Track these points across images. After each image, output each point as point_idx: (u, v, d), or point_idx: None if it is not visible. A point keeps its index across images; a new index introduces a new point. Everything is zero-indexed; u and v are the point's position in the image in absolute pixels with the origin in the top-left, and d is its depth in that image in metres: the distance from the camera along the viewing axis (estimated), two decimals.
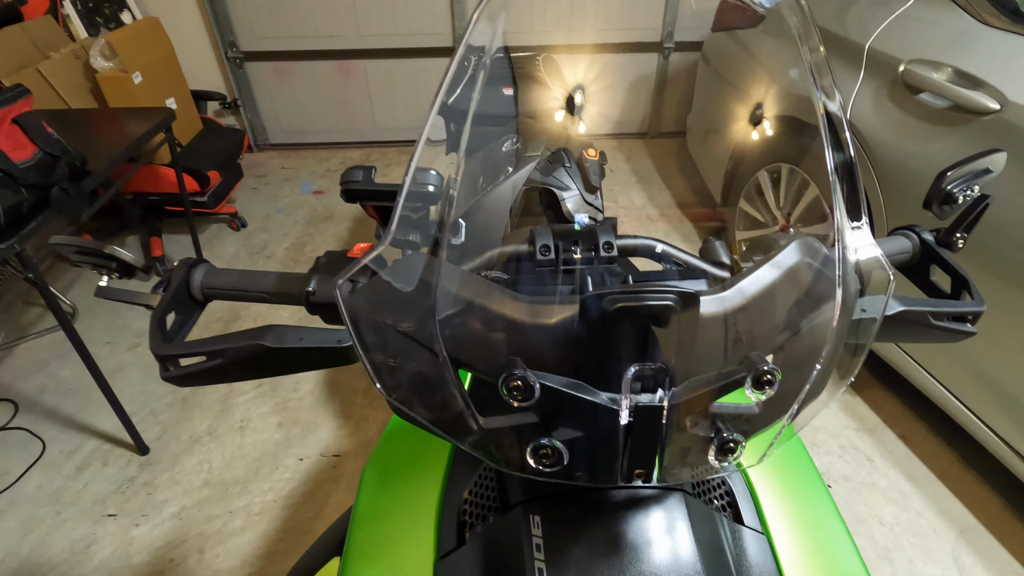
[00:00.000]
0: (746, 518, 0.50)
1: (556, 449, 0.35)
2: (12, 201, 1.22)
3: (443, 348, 0.36)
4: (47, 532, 1.46)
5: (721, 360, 0.37)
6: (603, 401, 0.34)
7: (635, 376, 0.35)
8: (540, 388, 0.34)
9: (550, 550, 0.43)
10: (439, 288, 0.37)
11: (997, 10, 1.36)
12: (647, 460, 0.35)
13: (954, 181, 0.60)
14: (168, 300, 0.52)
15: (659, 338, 0.36)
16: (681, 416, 0.35)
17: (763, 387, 0.35)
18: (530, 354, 0.37)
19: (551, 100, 1.38)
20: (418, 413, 0.40)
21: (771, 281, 0.39)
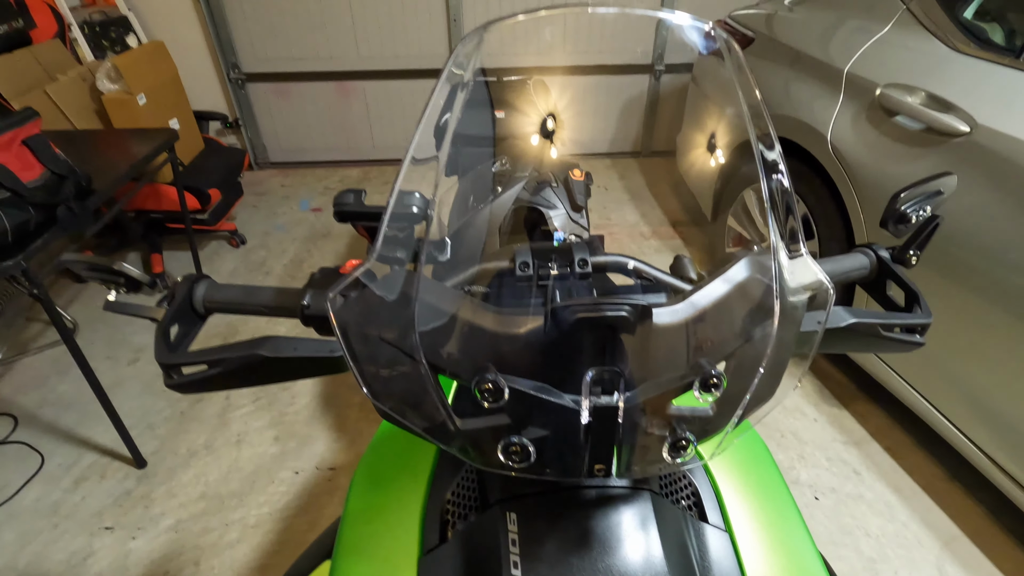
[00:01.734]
0: (710, 516, 0.53)
1: (524, 447, 0.39)
2: (20, 219, 1.26)
3: (422, 356, 0.40)
4: (44, 545, 1.47)
5: (675, 366, 0.41)
6: (565, 402, 0.38)
7: (595, 379, 0.39)
8: (509, 391, 0.38)
9: (525, 545, 0.46)
10: (419, 301, 0.41)
11: (967, 38, 1.42)
12: (606, 456, 0.39)
13: (907, 202, 0.64)
14: (172, 313, 0.56)
15: (620, 346, 0.40)
16: (636, 416, 0.39)
17: (710, 390, 0.39)
18: (502, 360, 0.41)
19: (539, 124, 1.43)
20: (402, 417, 0.44)
21: (720, 295, 0.43)
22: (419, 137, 0.50)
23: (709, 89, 2.36)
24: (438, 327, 0.42)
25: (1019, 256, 1.20)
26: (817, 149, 1.70)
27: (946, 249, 1.34)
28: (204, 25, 3.08)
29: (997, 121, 1.25)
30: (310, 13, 3.11)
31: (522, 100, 1.45)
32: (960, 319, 1.35)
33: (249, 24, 3.13)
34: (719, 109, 2.25)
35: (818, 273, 0.48)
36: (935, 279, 1.38)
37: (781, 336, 0.43)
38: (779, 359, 0.44)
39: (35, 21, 2.22)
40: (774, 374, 0.45)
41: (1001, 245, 1.23)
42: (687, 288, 0.58)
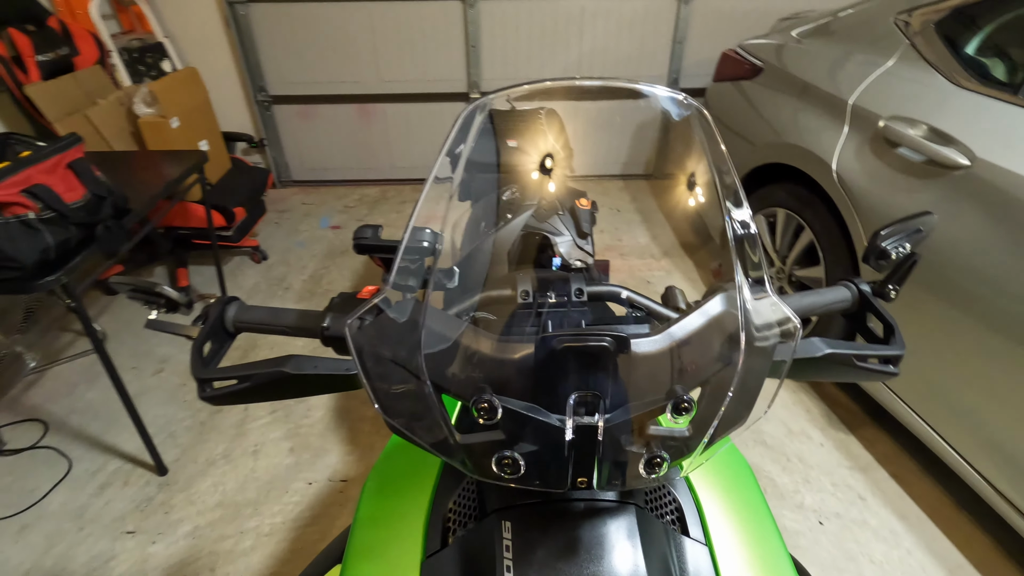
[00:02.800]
0: (691, 530, 0.57)
1: (515, 460, 0.43)
2: (62, 237, 1.35)
3: (427, 377, 0.45)
4: (70, 547, 1.54)
5: (653, 390, 0.46)
6: (551, 421, 0.43)
7: (578, 401, 0.44)
8: (503, 410, 0.43)
9: (517, 551, 0.51)
10: (426, 327, 0.47)
11: (969, 73, 1.46)
12: (587, 470, 0.44)
13: (887, 239, 0.69)
14: (206, 332, 0.62)
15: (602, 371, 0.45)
16: (615, 435, 0.44)
17: (681, 413, 0.43)
18: (498, 383, 0.46)
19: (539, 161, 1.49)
20: (409, 431, 0.49)
21: (695, 328, 0.48)
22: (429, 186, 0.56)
23: (721, 115, 2.41)
24: (442, 351, 0.47)
25: (1017, 287, 1.22)
26: (822, 178, 1.73)
27: (949, 279, 1.36)
28: (235, 51, 3.23)
29: (996, 155, 1.28)
30: (334, 39, 3.24)
31: (533, 130, 1.52)
32: (962, 348, 1.37)
33: (277, 50, 3.27)
34: (730, 135, 2.30)
35: (785, 311, 0.53)
36: (939, 308, 1.40)
37: (750, 365, 0.47)
38: (750, 386, 0.49)
39: (79, 49, 2.36)
40: (746, 399, 0.49)
41: (1001, 276, 1.25)
42: (674, 317, 0.63)
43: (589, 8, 3.20)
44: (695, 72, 3.39)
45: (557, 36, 3.28)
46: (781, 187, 1.99)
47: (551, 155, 1.09)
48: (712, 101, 2.55)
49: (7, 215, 1.26)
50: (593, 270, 1.08)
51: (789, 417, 1.91)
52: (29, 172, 1.32)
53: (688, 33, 3.28)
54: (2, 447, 1.84)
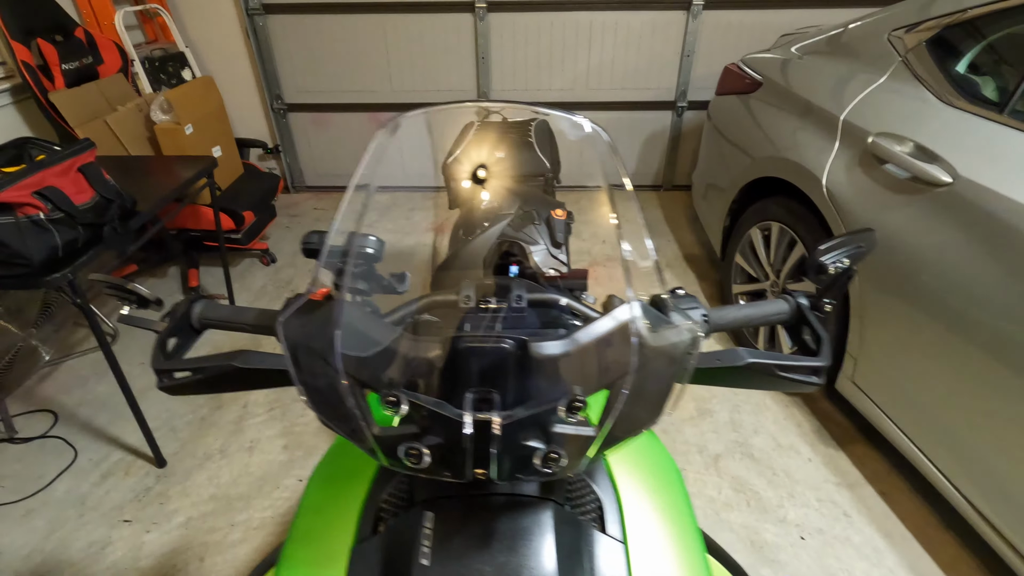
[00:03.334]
0: (609, 528, 0.60)
1: (420, 451, 0.47)
2: (70, 237, 1.43)
3: (342, 368, 0.49)
4: (69, 532, 1.61)
5: (554, 391, 0.49)
6: (452, 415, 0.46)
7: (481, 398, 0.47)
8: (409, 403, 0.47)
9: (437, 540, 0.54)
10: (349, 324, 0.51)
11: (956, 91, 1.46)
12: (484, 463, 0.47)
13: (826, 254, 0.70)
14: (170, 328, 0.67)
15: (504, 371, 0.48)
16: (513, 430, 0.47)
17: (574, 412, 0.46)
18: (412, 379, 0.50)
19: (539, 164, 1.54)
20: (334, 422, 0.53)
21: (599, 334, 0.51)
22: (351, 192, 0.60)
23: (723, 128, 2.43)
24: (365, 348, 0.51)
25: (995, 305, 1.21)
26: (813, 192, 1.74)
27: (932, 297, 1.36)
28: (253, 60, 3.34)
29: (977, 173, 1.28)
30: (348, 50, 3.34)
31: (521, 142, 1.56)
32: (942, 365, 1.36)
33: (293, 59, 3.38)
34: (731, 148, 2.31)
35: (689, 321, 0.55)
36: (921, 325, 1.40)
37: (652, 370, 0.50)
38: (653, 390, 0.51)
39: (103, 58, 2.48)
40: (653, 401, 0.52)
41: (981, 294, 1.25)
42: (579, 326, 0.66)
43: (598, 21, 3.24)
44: (703, 85, 3.40)
45: (566, 48, 3.33)
46: (775, 201, 1.99)
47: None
48: (714, 114, 2.56)
49: (19, 215, 1.34)
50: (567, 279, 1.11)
51: (779, 431, 1.91)
52: (43, 175, 1.40)
53: (697, 47, 3.30)
54: (14, 435, 1.93)
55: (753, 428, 1.92)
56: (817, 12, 3.13)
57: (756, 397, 2.05)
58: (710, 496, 1.69)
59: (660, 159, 3.72)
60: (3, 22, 2.13)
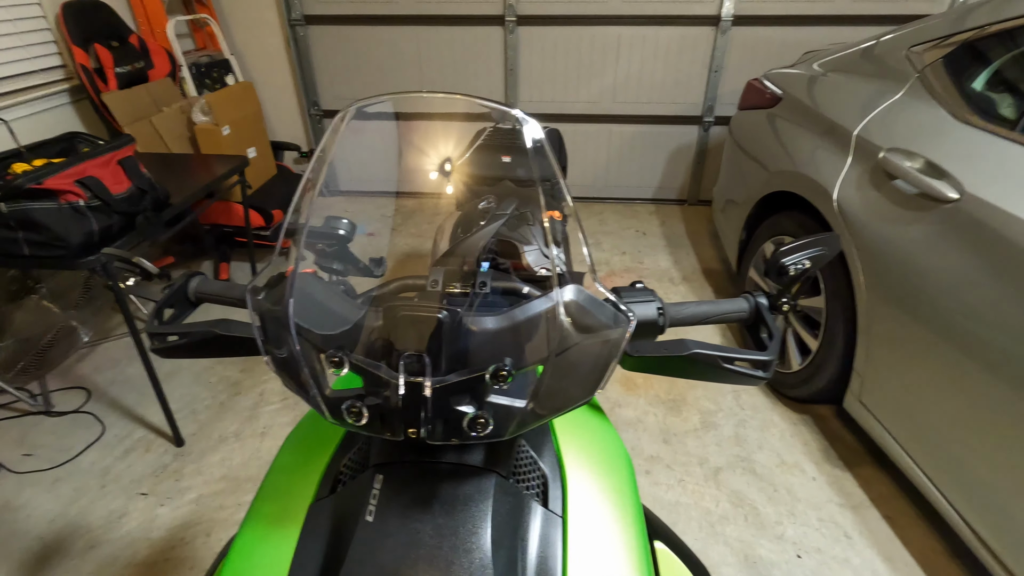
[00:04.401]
0: (551, 502, 0.62)
1: (360, 409, 0.51)
2: (105, 224, 1.54)
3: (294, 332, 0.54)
4: (91, 501, 1.72)
5: (490, 361, 0.53)
6: (387, 375, 0.51)
7: (413, 361, 0.51)
8: (349, 363, 0.51)
9: (382, 500, 0.58)
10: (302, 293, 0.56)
11: (970, 107, 1.44)
12: (415, 422, 0.51)
13: (787, 255, 0.72)
14: (166, 298, 0.73)
15: (437, 338, 0.52)
16: (444, 393, 0.51)
17: (499, 380, 0.50)
18: (359, 344, 0.55)
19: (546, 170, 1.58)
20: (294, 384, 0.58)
21: (532, 313, 0.54)
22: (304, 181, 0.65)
23: (742, 142, 2.43)
24: (318, 315, 0.56)
25: (1002, 324, 1.19)
26: (824, 207, 1.73)
27: (938, 315, 1.34)
28: (293, 68, 3.51)
29: (984, 190, 1.26)
30: (383, 59, 3.47)
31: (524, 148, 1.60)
32: (950, 388, 1.33)
33: (330, 67, 3.54)
34: (749, 162, 2.31)
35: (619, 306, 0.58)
36: (928, 344, 1.37)
37: (582, 351, 0.53)
38: (586, 369, 0.55)
39: (153, 63, 2.66)
40: (583, 380, 0.55)
41: (987, 312, 1.22)
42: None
43: (626, 35, 3.28)
44: (730, 101, 3.39)
45: (593, 62, 3.38)
46: (789, 215, 1.98)
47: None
48: (735, 129, 2.56)
49: (61, 201, 1.46)
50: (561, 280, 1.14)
51: (784, 448, 1.88)
52: (85, 165, 1.52)
53: (725, 62, 3.30)
54: (50, 409, 2.07)
55: (758, 443, 1.90)
56: (845, 29, 3.10)
57: (763, 413, 2.02)
58: (706, 508, 1.68)
59: (685, 174, 3.71)
60: (66, 29, 2.32)
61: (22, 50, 2.29)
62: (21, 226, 1.45)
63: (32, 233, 1.45)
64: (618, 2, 3.19)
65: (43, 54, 2.39)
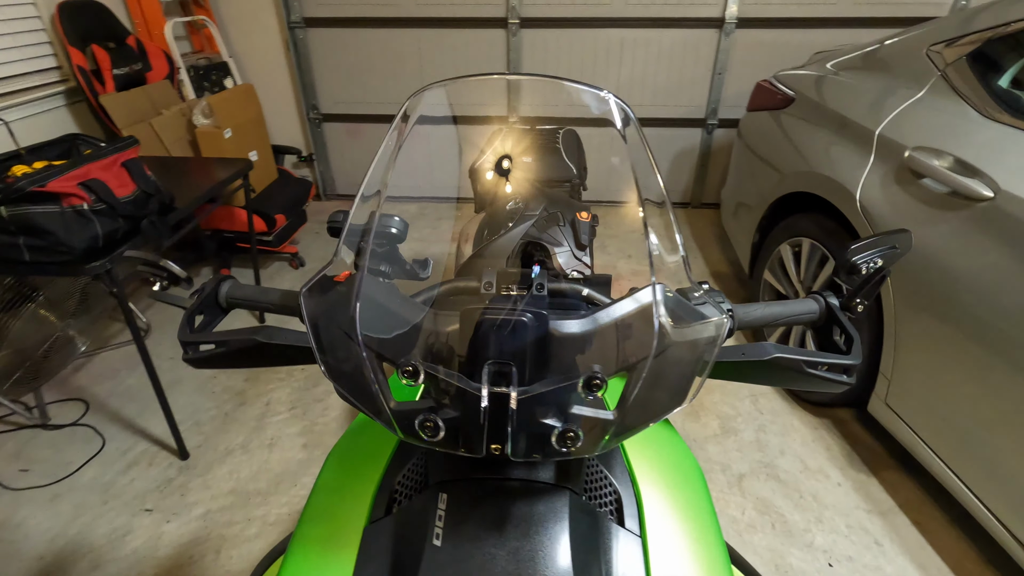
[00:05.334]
0: (627, 521, 0.58)
1: (436, 423, 0.47)
2: (110, 228, 1.48)
3: (360, 342, 0.49)
4: (93, 518, 1.64)
5: (574, 370, 0.48)
6: (468, 387, 0.46)
7: (498, 372, 0.46)
8: (425, 374, 0.46)
9: (449, 522, 0.54)
10: (366, 299, 0.51)
11: (999, 105, 1.42)
12: (501, 437, 0.46)
13: (857, 254, 0.68)
14: (198, 304, 0.68)
15: (521, 346, 0.48)
16: (531, 406, 0.46)
17: (592, 389, 0.45)
18: (430, 352, 0.50)
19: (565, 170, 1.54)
20: (353, 396, 0.53)
21: (619, 315, 0.50)
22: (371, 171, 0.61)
23: (753, 144, 2.40)
24: (384, 322, 0.51)
25: None
26: (847, 207, 1.70)
27: (973, 314, 1.31)
28: (292, 71, 3.45)
29: (1020, 188, 1.24)
30: (384, 63, 3.43)
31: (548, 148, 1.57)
32: (986, 390, 1.30)
33: (330, 71, 3.49)
34: (761, 164, 2.28)
35: (713, 310, 0.54)
36: (963, 345, 1.34)
37: (673, 357, 0.49)
38: (675, 377, 0.50)
39: (151, 64, 2.60)
40: (673, 389, 0.51)
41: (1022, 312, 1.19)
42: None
43: (629, 38, 3.26)
44: (734, 103, 3.38)
45: (596, 65, 3.36)
46: (807, 216, 1.95)
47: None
48: (744, 131, 2.54)
49: (64, 205, 1.40)
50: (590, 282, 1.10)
51: (807, 453, 1.84)
52: (88, 167, 1.46)
53: (728, 65, 3.29)
54: (47, 422, 1.98)
55: (779, 449, 1.86)
56: (848, 31, 3.10)
57: (783, 418, 1.99)
58: (733, 516, 1.63)
59: (689, 176, 3.69)
60: (63, 29, 2.26)
61: (16, 51, 2.22)
62: (22, 231, 1.38)
63: (34, 238, 1.39)
64: (621, 4, 3.17)
65: (38, 55, 2.32)
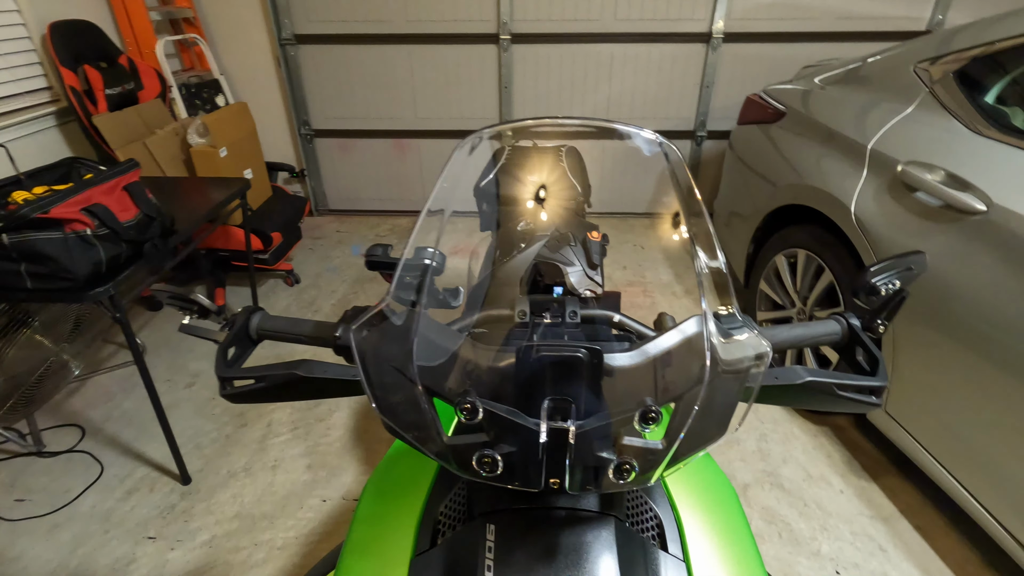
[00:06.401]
0: (670, 546, 0.59)
1: (494, 459, 0.47)
2: (113, 253, 1.47)
3: (418, 380, 0.50)
4: (94, 548, 1.61)
5: (626, 402, 0.49)
6: (527, 423, 0.47)
7: (555, 407, 0.47)
8: (484, 411, 0.47)
9: (499, 553, 0.54)
10: (421, 336, 0.52)
11: (987, 121, 1.47)
12: (559, 471, 0.47)
13: (877, 275, 0.71)
14: (231, 337, 0.68)
15: (577, 381, 0.49)
16: (587, 440, 0.47)
17: (648, 422, 0.47)
18: (484, 388, 0.51)
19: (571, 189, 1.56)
20: (404, 431, 0.54)
21: (668, 346, 0.51)
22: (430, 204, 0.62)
23: (745, 156, 2.45)
24: (435, 358, 0.52)
25: None
26: (842, 220, 1.74)
27: (968, 325, 1.35)
28: (283, 87, 3.45)
29: (1012, 201, 1.28)
30: (375, 79, 3.44)
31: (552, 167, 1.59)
32: (983, 396, 1.34)
33: (321, 87, 3.49)
34: (754, 176, 2.33)
35: (758, 339, 0.56)
36: (959, 354, 1.38)
37: (720, 386, 0.50)
38: (721, 405, 0.52)
39: (143, 84, 2.58)
40: (718, 418, 0.52)
41: (1016, 322, 1.23)
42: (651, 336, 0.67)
43: (619, 53, 3.32)
44: (722, 116, 3.45)
45: (587, 79, 3.40)
46: (802, 229, 2.00)
47: (544, 187, 1.15)
48: (736, 143, 2.59)
49: (67, 231, 1.38)
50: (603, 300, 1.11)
51: (808, 461, 1.87)
52: (90, 192, 1.45)
53: (716, 78, 3.36)
54: (42, 449, 1.94)
55: (782, 457, 1.89)
56: (835, 46, 3.18)
57: (784, 426, 2.02)
58: None
59: None
60: (54, 50, 2.24)
61: (6, 72, 2.20)
62: (24, 258, 1.36)
63: (36, 265, 1.37)
64: (611, 20, 3.23)
65: (28, 76, 2.29)
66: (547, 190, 1.54)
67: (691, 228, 0.65)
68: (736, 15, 3.17)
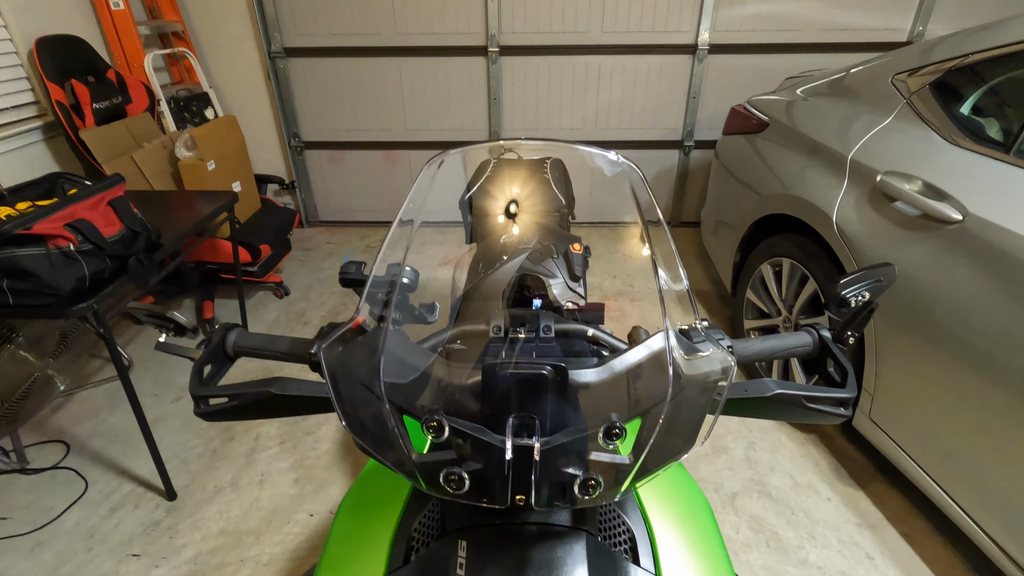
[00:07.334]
0: (642, 560, 0.59)
1: (461, 476, 0.48)
2: (97, 268, 1.46)
3: (385, 397, 0.50)
4: (77, 567, 1.59)
5: (592, 418, 0.50)
6: (492, 440, 0.47)
7: (521, 424, 0.48)
8: (450, 428, 0.48)
9: (471, 570, 0.54)
10: (390, 353, 0.52)
11: (962, 132, 1.50)
12: (525, 488, 0.47)
13: (847, 287, 0.72)
14: (206, 355, 0.68)
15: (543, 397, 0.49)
16: (553, 456, 0.48)
17: (611, 438, 0.47)
18: (452, 405, 0.51)
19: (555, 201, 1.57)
20: (374, 449, 0.54)
21: (633, 362, 0.52)
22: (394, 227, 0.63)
23: (731, 166, 2.48)
24: (405, 375, 0.53)
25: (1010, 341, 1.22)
26: (824, 229, 1.76)
27: (947, 332, 1.37)
28: (273, 100, 3.46)
29: (987, 211, 1.30)
30: (365, 91, 3.46)
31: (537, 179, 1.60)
32: (961, 403, 1.35)
33: (311, 99, 3.50)
34: (740, 186, 2.35)
35: (719, 352, 0.57)
36: (939, 361, 1.40)
37: (685, 399, 0.51)
38: (687, 419, 0.52)
39: (131, 97, 2.58)
40: (684, 431, 0.53)
41: (994, 329, 1.25)
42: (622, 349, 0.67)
43: (606, 64, 3.35)
44: (709, 125, 3.49)
45: (575, 90, 3.44)
46: (786, 238, 2.02)
47: (527, 199, 1.17)
48: (722, 153, 2.62)
49: (50, 246, 1.38)
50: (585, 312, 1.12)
51: (796, 469, 1.88)
52: (74, 208, 1.44)
53: (702, 89, 3.40)
54: (26, 466, 1.92)
55: (769, 466, 1.89)
56: (818, 57, 3.23)
57: (771, 435, 2.03)
58: (728, 536, 1.65)
59: (668, 197, 3.78)
60: (40, 64, 2.24)
61: None
62: (6, 274, 1.36)
63: (18, 281, 1.36)
64: (598, 32, 3.27)
65: (14, 91, 2.29)
66: (531, 202, 1.56)
67: (652, 246, 0.66)
68: (721, 27, 3.21)
